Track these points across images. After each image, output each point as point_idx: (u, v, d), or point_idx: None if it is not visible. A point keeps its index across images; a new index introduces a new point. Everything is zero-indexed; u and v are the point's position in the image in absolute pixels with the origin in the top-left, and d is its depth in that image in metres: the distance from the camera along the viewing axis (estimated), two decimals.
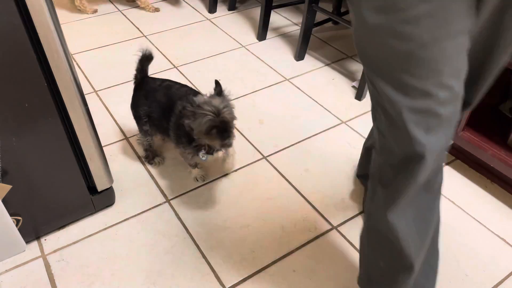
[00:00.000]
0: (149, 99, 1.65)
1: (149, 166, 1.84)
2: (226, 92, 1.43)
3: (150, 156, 1.83)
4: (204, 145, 1.51)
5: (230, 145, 1.43)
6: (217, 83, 1.44)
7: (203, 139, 1.43)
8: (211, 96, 1.41)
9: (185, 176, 1.80)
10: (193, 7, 3.13)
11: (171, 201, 1.70)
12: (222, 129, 1.36)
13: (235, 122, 1.42)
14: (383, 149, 0.97)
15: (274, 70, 2.48)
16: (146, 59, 1.68)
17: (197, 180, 1.76)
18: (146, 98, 1.65)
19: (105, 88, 2.31)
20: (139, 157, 1.89)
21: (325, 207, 1.68)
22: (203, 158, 1.56)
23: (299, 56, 2.56)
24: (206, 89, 1.68)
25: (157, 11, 2.82)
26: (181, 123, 1.46)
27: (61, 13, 2.95)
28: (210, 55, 2.60)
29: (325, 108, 2.19)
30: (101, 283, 1.42)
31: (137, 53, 1.68)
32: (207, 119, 1.34)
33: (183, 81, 2.36)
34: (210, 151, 1.54)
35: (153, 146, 1.81)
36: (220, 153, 1.61)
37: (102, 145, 1.52)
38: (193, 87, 1.58)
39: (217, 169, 1.82)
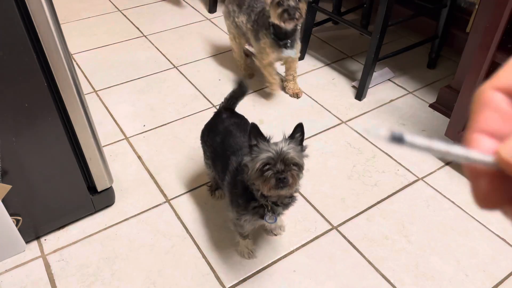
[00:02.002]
0: (209, 140, 1.48)
1: (146, 166, 1.85)
2: (298, 136, 1.20)
3: (213, 187, 1.69)
4: (266, 205, 1.26)
5: (284, 189, 1.16)
6: (297, 126, 1.20)
7: (257, 182, 1.18)
8: (283, 140, 1.20)
9: (185, 176, 1.80)
10: (193, 7, 3.13)
11: (171, 201, 1.70)
12: (278, 169, 1.13)
13: (299, 173, 1.17)
14: None
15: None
16: (240, 93, 1.54)
17: (244, 256, 1.49)
18: (208, 135, 1.50)
19: (105, 88, 2.31)
20: (139, 157, 1.89)
21: (325, 207, 1.68)
22: (272, 221, 1.31)
23: (299, 56, 2.56)
24: (206, 89, 1.68)
25: (300, 95, 2.24)
26: (238, 180, 1.28)
27: (61, 13, 2.95)
28: (210, 55, 2.60)
29: (325, 108, 2.19)
30: (101, 283, 1.42)
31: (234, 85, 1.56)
32: (264, 155, 1.14)
33: (183, 81, 2.36)
34: (273, 212, 1.29)
35: (216, 177, 1.60)
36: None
37: (102, 145, 1.52)
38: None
39: None
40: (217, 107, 1.57)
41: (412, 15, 2.32)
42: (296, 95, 2.23)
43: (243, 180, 1.25)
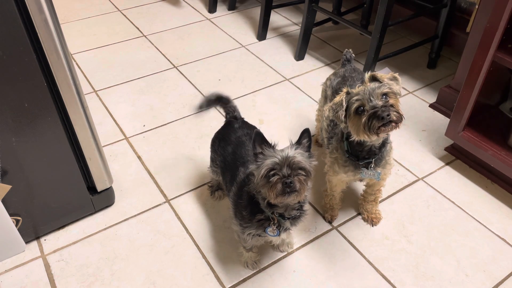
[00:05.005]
0: (220, 149, 1.45)
1: (147, 165, 1.85)
2: (305, 142, 1.16)
3: (214, 187, 1.71)
4: (272, 218, 1.22)
5: (291, 196, 1.10)
6: (303, 131, 1.16)
7: (263, 190, 1.13)
8: (290, 146, 1.14)
9: (185, 176, 1.80)
10: (193, 7, 3.13)
11: (171, 201, 1.70)
12: (284, 174, 1.08)
13: (306, 178, 1.12)
14: None
15: (274, 70, 2.48)
16: (215, 101, 1.49)
17: (248, 267, 1.46)
18: (219, 145, 1.46)
19: (105, 88, 2.31)
20: (139, 157, 1.89)
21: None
22: (274, 234, 1.24)
23: (299, 56, 2.56)
24: (206, 89, 1.68)
25: (375, 223, 1.62)
26: (244, 191, 1.25)
27: (61, 13, 2.95)
28: (210, 55, 2.60)
29: None
30: (101, 283, 1.42)
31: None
32: (269, 161, 1.10)
33: (183, 81, 2.36)
34: (278, 227, 1.24)
35: (219, 180, 1.63)
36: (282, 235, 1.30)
37: (102, 145, 1.52)
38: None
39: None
40: (224, 114, 1.54)
41: (412, 15, 2.32)
42: (371, 221, 1.62)
43: (249, 191, 1.22)
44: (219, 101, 1.49)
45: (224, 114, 1.55)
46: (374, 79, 1.25)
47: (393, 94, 1.23)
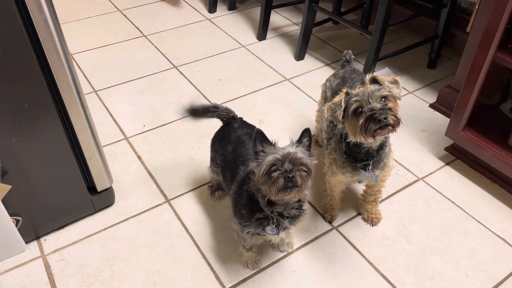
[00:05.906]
0: (220, 149, 1.45)
1: (146, 166, 1.85)
2: (305, 141, 1.16)
3: (214, 187, 1.71)
4: (271, 217, 1.22)
5: (293, 191, 1.10)
6: (304, 131, 1.16)
7: (264, 187, 1.13)
8: (290, 144, 1.14)
9: (185, 176, 1.80)
10: (193, 7, 3.13)
11: (171, 201, 1.70)
12: (286, 169, 1.08)
13: (307, 175, 1.12)
14: None
15: (274, 70, 2.48)
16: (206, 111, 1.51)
17: (248, 267, 1.46)
18: (219, 144, 1.47)
19: (105, 88, 2.31)
20: (139, 157, 1.89)
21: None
22: (273, 233, 1.24)
23: (299, 56, 2.56)
24: (206, 89, 1.68)
25: (375, 223, 1.62)
26: (243, 190, 1.25)
27: (61, 13, 2.95)
28: (210, 55, 2.60)
29: None
30: (101, 283, 1.42)
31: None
32: (270, 157, 1.10)
33: (183, 81, 2.36)
34: (277, 225, 1.24)
35: (219, 180, 1.63)
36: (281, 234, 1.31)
37: (102, 145, 1.52)
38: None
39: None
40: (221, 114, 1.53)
41: (412, 15, 2.33)
42: (371, 221, 1.61)
43: (249, 190, 1.22)
44: (208, 111, 1.50)
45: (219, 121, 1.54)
46: (374, 81, 1.26)
47: (393, 98, 1.24)
